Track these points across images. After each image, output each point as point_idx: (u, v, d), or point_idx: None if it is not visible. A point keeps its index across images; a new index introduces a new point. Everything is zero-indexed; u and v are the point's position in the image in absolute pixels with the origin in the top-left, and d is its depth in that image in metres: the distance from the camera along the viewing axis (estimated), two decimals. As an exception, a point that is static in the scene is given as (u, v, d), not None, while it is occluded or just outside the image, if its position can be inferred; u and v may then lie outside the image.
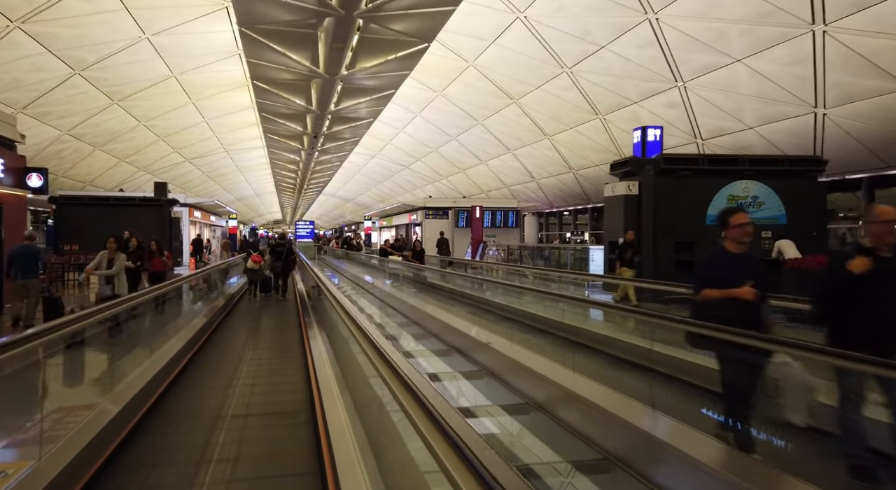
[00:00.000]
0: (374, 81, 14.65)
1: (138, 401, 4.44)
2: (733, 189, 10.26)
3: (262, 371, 6.27)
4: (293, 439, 4.23)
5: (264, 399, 5.20)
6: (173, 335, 6.55)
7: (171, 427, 4.52)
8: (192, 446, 4.11)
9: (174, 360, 5.72)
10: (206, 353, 7.13)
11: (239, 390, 5.44)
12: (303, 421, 4.52)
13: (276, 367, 6.51)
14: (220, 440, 4.21)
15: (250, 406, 5.00)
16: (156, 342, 6.04)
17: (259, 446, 4.15)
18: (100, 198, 19.01)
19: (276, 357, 7.05)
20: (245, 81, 19.26)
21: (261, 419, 4.73)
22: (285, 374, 6.10)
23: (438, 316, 7.69)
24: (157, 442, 4.20)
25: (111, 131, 21.66)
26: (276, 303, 12.80)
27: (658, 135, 10.21)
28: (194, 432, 4.38)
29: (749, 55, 11.86)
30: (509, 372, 5.05)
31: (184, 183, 32.53)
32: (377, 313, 10.52)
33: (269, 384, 5.74)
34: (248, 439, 4.25)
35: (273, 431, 4.44)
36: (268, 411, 4.93)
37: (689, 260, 9.79)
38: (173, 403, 5.06)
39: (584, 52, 14.44)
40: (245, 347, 7.62)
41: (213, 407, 4.95)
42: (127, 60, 16.01)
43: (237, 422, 4.61)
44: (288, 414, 4.77)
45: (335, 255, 28.32)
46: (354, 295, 12.42)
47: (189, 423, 4.61)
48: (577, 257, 16.41)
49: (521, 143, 23.07)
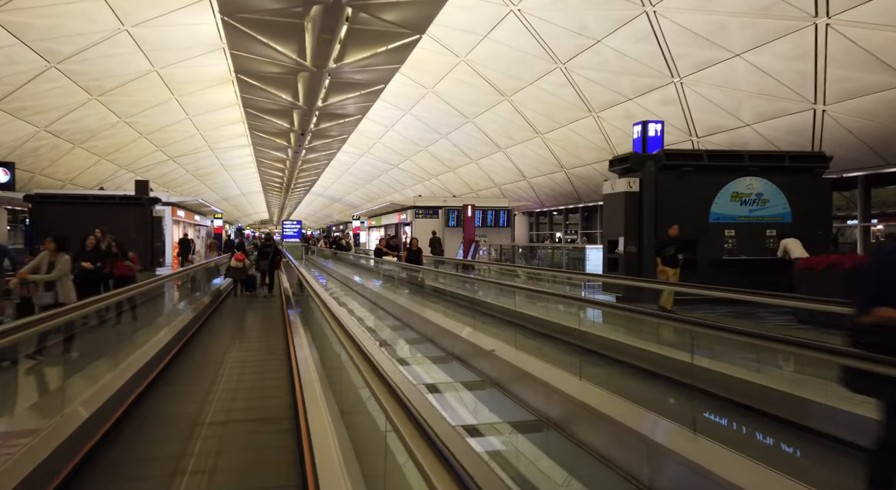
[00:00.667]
0: (363, 75, 14.19)
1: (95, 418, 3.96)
2: (737, 186, 9.95)
3: (248, 366, 6.24)
4: (276, 447, 3.94)
5: (246, 405, 4.94)
6: (142, 344, 6.12)
7: (146, 434, 4.26)
8: (167, 456, 3.82)
9: (149, 364, 5.28)
10: (189, 352, 6.96)
11: (219, 395, 5.19)
12: (286, 428, 4.24)
13: (260, 364, 6.48)
14: (197, 450, 3.94)
15: (231, 412, 4.74)
16: (121, 353, 5.53)
17: (241, 455, 3.88)
18: (77, 196, 18.34)
19: (260, 356, 7.01)
20: (229, 77, 18.68)
21: (243, 425, 4.50)
22: (269, 371, 6.00)
23: (441, 323, 7.26)
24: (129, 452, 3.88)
25: (90, 128, 20.97)
26: (263, 300, 13.07)
27: (659, 130, 9.88)
28: (169, 442, 4.10)
29: (749, 50, 11.56)
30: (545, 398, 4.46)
31: (167, 182, 31.79)
32: (369, 318, 10.10)
33: (255, 376, 5.72)
34: (229, 448, 3.95)
35: (255, 438, 4.20)
36: (249, 417, 4.69)
37: (692, 259, 9.47)
38: (151, 408, 4.81)
39: (580, 46, 14.09)
40: (230, 345, 7.71)
41: (191, 413, 4.66)
42: (106, 53, 15.40)
43: (216, 429, 4.34)
44: (271, 420, 4.54)
45: (323, 255, 27.80)
46: (345, 298, 12.00)
47: (165, 431, 4.31)
48: (573, 257, 16.02)
49: (512, 142, 22.72)
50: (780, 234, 9.81)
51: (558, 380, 4.24)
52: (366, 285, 13.70)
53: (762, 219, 10.12)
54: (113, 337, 6.69)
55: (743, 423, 4.17)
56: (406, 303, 9.33)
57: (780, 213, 10.15)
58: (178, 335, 7.11)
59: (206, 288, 13.06)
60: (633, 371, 5.29)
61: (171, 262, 23.33)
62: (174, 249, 25.00)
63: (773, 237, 9.89)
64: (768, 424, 3.97)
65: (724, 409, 4.24)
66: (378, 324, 9.61)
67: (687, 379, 4.02)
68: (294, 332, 6.92)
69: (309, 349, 5.77)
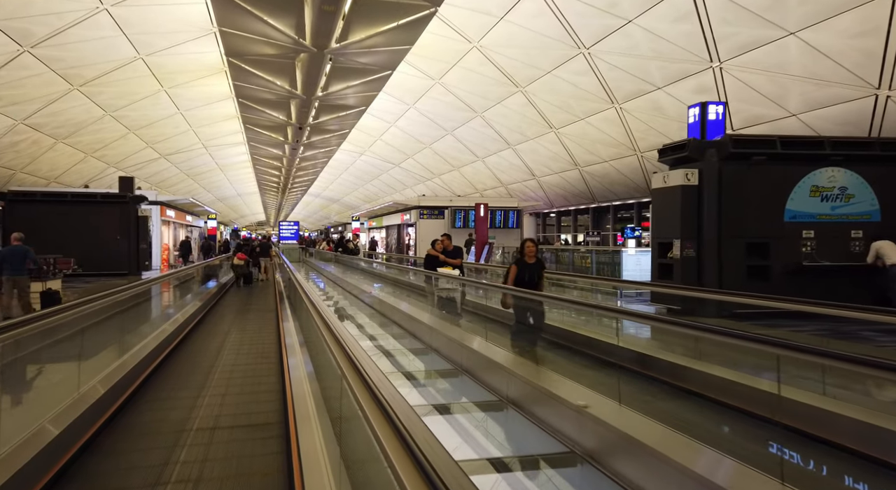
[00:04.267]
0: (368, 58, 12.83)
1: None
2: (817, 178, 8.51)
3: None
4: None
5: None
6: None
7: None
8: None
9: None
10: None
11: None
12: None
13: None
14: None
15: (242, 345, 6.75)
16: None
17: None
18: (56, 194, 17.00)
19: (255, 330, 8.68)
20: (222, 66, 17.31)
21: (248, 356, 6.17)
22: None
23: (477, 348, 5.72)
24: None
25: (74, 121, 19.55)
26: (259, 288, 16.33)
27: (720, 112, 8.50)
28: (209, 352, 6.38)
29: (806, 26, 10.24)
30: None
31: (160, 181, 30.36)
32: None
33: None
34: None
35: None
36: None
37: (763, 265, 8.08)
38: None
39: (607, 28, 12.76)
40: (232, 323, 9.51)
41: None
42: (84, 36, 14.02)
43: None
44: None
45: (324, 258, 25.92)
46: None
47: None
48: (605, 262, 14.43)
49: (523, 138, 21.42)
50: (867, 236, 8.41)
51: (700, 462, 2.84)
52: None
53: (846, 217, 8.62)
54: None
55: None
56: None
57: (867, 210, 8.65)
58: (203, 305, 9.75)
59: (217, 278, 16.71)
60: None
61: (161, 265, 21.93)
62: (164, 252, 23.62)
63: (858, 239, 8.48)
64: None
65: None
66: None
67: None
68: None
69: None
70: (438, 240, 9.32)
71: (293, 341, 6.36)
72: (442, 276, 8.67)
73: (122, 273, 15.90)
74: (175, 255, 26.15)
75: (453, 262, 8.99)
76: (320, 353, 3.90)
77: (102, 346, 5.60)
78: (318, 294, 11.06)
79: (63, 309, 4.71)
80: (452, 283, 8.59)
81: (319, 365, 4.25)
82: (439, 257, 9.03)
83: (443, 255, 9.04)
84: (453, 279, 8.56)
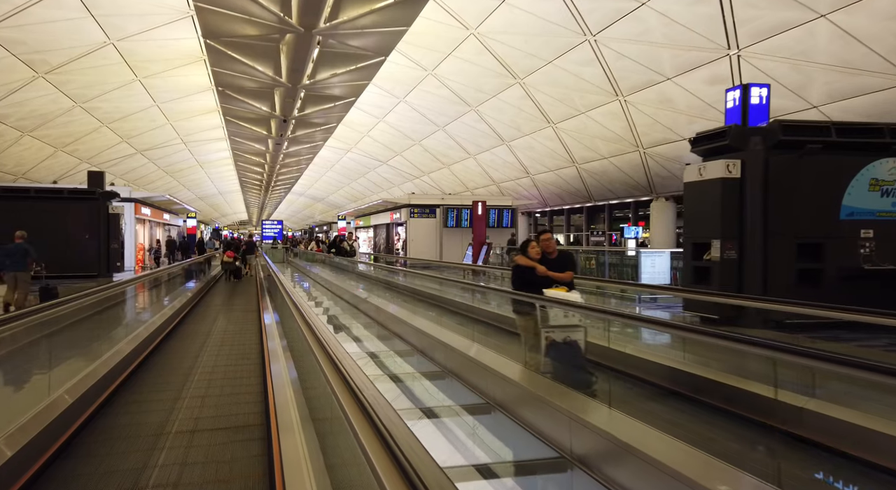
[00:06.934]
0: (360, 41, 11.80)
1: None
2: (877, 170, 7.57)
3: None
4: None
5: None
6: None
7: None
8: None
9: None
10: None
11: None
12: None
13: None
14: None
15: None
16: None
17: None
18: (17, 190, 15.69)
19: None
20: (201, 55, 16.15)
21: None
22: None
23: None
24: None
25: (41, 113, 18.24)
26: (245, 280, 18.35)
27: (764, 96, 7.58)
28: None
29: (838, 8, 9.44)
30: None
31: (137, 178, 28.94)
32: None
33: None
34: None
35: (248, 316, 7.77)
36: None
37: (815, 268, 7.19)
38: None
39: (618, 12, 11.89)
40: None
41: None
42: (46, 17, 12.80)
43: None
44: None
45: (309, 259, 24.59)
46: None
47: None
48: (625, 264, 13.31)
49: (518, 134, 20.52)
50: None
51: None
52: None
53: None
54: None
55: None
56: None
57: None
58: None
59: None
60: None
61: (135, 266, 20.65)
62: (139, 252, 22.34)
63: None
64: None
65: None
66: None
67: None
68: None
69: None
70: (531, 241, 5.60)
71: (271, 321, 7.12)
72: (554, 304, 4.92)
73: (91, 275, 14.66)
74: (163, 253, 24.90)
75: (562, 277, 5.31)
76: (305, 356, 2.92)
77: (72, 353, 5.44)
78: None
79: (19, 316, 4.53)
80: (572, 317, 4.71)
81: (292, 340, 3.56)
82: (536, 269, 5.30)
83: (541, 265, 5.32)
84: (575, 308, 4.82)
